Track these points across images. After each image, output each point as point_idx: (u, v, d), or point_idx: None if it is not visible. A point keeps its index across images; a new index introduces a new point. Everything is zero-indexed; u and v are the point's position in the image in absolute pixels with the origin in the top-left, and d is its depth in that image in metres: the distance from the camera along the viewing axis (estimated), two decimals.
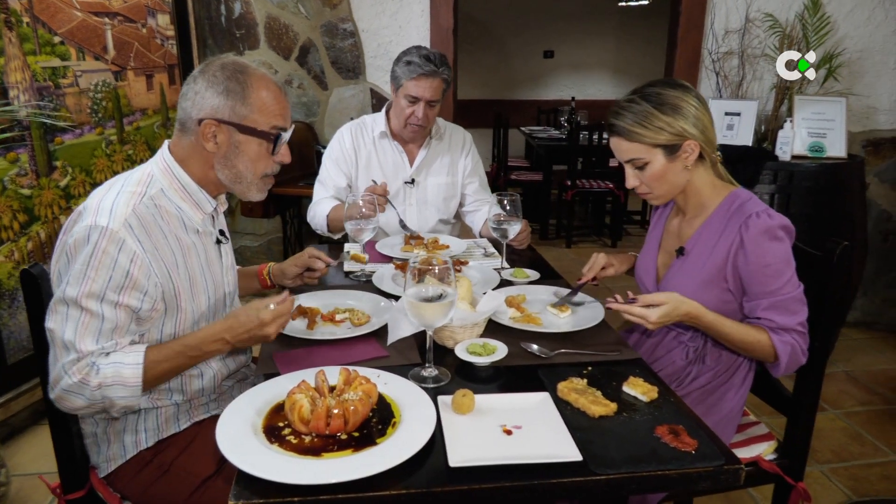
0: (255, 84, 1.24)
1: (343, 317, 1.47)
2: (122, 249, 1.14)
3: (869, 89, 3.27)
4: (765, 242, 1.35)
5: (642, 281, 1.65)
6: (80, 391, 1.12)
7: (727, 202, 1.45)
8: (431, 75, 2.09)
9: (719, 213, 1.45)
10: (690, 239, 1.49)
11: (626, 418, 1.09)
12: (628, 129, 1.40)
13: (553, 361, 1.30)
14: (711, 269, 1.42)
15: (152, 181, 1.26)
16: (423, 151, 2.31)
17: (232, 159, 1.27)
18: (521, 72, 7.46)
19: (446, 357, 1.32)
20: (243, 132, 1.25)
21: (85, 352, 1.12)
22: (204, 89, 1.23)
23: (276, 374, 1.21)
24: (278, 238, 3.59)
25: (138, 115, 2.93)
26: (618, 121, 1.41)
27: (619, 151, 1.45)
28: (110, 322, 1.14)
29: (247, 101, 1.23)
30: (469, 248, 2.07)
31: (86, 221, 1.15)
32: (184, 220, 1.28)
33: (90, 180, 2.63)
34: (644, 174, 1.44)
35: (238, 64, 1.25)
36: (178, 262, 1.25)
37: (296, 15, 3.36)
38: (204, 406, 1.36)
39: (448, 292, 1.16)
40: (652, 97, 1.39)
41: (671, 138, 1.39)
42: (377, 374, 1.17)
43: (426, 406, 1.07)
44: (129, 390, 1.14)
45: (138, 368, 1.14)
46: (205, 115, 1.23)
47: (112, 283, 1.14)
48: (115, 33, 2.76)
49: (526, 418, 1.08)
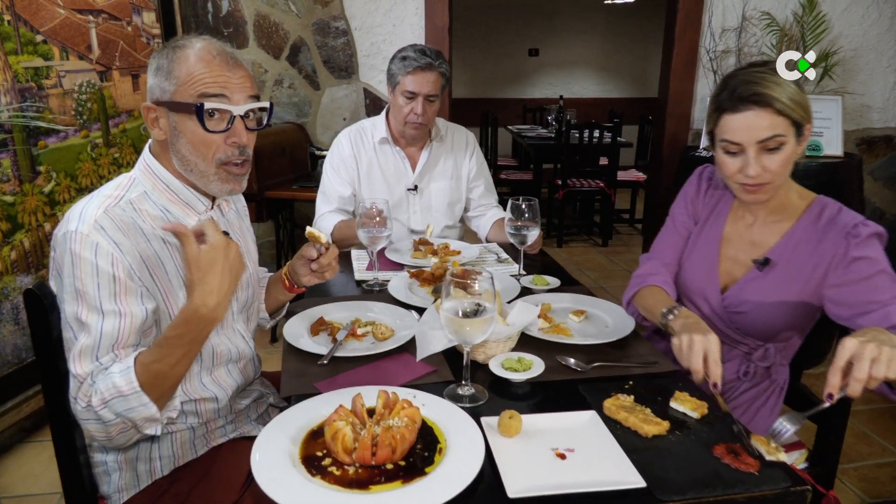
0: (185, 54, 1.10)
1: (365, 330, 1.40)
2: (98, 252, 1.05)
3: (863, 87, 3.29)
4: (878, 248, 1.26)
5: (700, 292, 1.45)
6: (93, 416, 1.04)
7: (815, 209, 1.33)
8: (427, 69, 2.04)
9: (808, 221, 1.33)
10: (775, 248, 1.36)
11: (679, 437, 1.04)
12: (780, 99, 1.20)
13: (590, 375, 1.25)
14: (807, 284, 1.30)
15: (133, 185, 1.16)
16: (424, 155, 2.24)
17: (175, 144, 1.15)
18: (506, 70, 7.42)
19: (477, 372, 1.26)
20: (174, 110, 1.11)
21: (83, 375, 1.04)
22: (148, 73, 1.15)
23: (302, 395, 1.14)
24: (271, 242, 3.50)
25: (124, 117, 2.81)
26: (766, 90, 1.21)
27: (756, 128, 1.22)
28: (110, 336, 1.05)
29: (171, 75, 1.11)
30: (481, 253, 2.01)
31: (60, 230, 1.08)
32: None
33: (75, 185, 2.51)
34: (774, 158, 1.24)
35: (177, 40, 1.14)
36: (167, 267, 1.14)
37: (286, 13, 3.26)
38: (221, 429, 1.28)
39: (487, 306, 1.10)
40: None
41: (803, 116, 1.23)
42: (413, 395, 1.10)
43: (470, 429, 1.01)
44: (131, 399, 1.02)
45: (129, 373, 1.02)
46: (147, 100, 1.15)
47: (103, 290, 1.05)
48: (100, 31, 2.63)
49: (577, 440, 1.02)
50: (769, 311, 1.32)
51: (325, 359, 1.25)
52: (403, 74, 2.05)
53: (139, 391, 1.02)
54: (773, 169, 1.25)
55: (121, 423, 1.05)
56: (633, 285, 1.47)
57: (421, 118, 2.09)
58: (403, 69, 2.04)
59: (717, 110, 1.29)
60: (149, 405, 1.04)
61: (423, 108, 2.08)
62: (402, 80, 2.06)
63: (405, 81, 2.05)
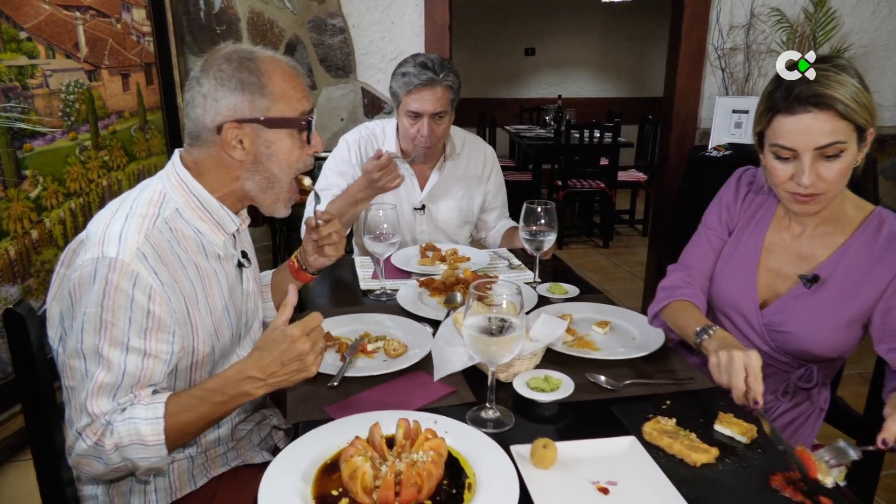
0: (270, 69, 1.06)
1: (375, 346, 1.30)
2: (137, 284, 0.96)
3: (873, 85, 3.14)
4: None
5: (735, 306, 1.34)
6: (98, 454, 0.94)
7: (873, 222, 1.22)
8: (430, 84, 1.84)
9: (866, 236, 1.21)
10: (826, 263, 1.24)
11: (731, 466, 0.94)
12: (843, 101, 1.07)
13: (623, 394, 1.15)
14: (861, 306, 1.19)
15: (165, 200, 1.06)
16: (435, 175, 2.07)
17: (264, 163, 1.08)
18: (501, 70, 7.33)
19: (499, 392, 1.16)
20: (272, 126, 1.06)
21: (97, 413, 0.94)
22: (214, 90, 1.04)
23: (311, 422, 1.04)
24: (266, 247, 3.39)
25: (114, 119, 2.69)
26: (829, 90, 1.07)
27: (815, 134, 1.09)
28: (132, 377, 0.96)
29: (266, 91, 1.05)
30: (492, 260, 1.91)
31: (90, 253, 0.96)
32: (203, 245, 1.09)
33: (63, 190, 2.40)
34: (832, 166, 1.12)
35: (243, 51, 1.06)
36: (199, 296, 1.06)
37: (281, 10, 3.16)
38: (221, 457, 1.18)
39: (514, 322, 1.01)
40: (850, 68, 1.10)
41: (867, 120, 1.11)
42: (434, 421, 1.00)
43: (501, 460, 0.91)
44: (151, 450, 0.95)
45: (158, 424, 0.94)
46: (223, 120, 1.04)
47: (134, 325, 0.95)
48: (88, 29, 2.52)
49: (618, 471, 0.92)
50: (816, 333, 1.21)
51: (335, 380, 1.15)
52: (405, 94, 1.87)
53: (163, 443, 0.95)
54: (829, 178, 1.12)
55: (124, 466, 0.96)
56: (660, 298, 1.36)
57: (428, 140, 1.92)
58: (404, 87, 1.86)
59: (769, 110, 1.16)
60: (164, 459, 0.97)
61: (430, 127, 1.89)
62: (403, 100, 1.88)
63: (407, 101, 1.87)
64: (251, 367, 0.98)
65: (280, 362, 0.97)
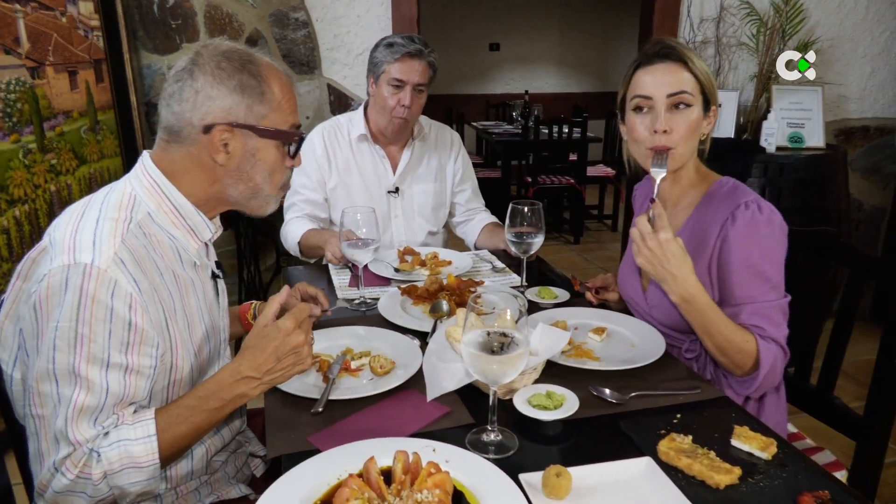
0: (269, 75, 0.99)
1: (360, 363, 1.19)
2: (116, 293, 0.86)
3: (840, 77, 3.24)
4: (752, 238, 1.19)
5: (628, 296, 1.46)
6: (82, 489, 0.84)
7: (714, 189, 1.30)
8: (417, 56, 1.88)
9: (705, 202, 1.30)
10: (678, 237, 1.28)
11: (756, 486, 0.88)
12: (689, 56, 1.26)
13: (630, 408, 1.08)
14: (702, 267, 1.24)
15: (136, 203, 0.97)
16: (405, 154, 2.05)
17: (247, 170, 1.01)
18: (467, 65, 7.25)
19: (496, 409, 1.08)
20: (263, 136, 0.99)
21: (80, 441, 0.84)
22: (209, 86, 0.95)
23: (294, 454, 0.93)
24: (231, 251, 3.23)
25: (61, 119, 2.50)
26: (681, 49, 1.27)
27: (667, 84, 1.25)
28: (115, 396, 0.86)
29: (265, 98, 0.98)
30: (475, 263, 1.83)
31: (58, 261, 0.86)
32: (179, 252, 1.00)
33: (6, 196, 2.21)
34: (682, 117, 1.25)
35: (243, 51, 0.99)
36: (176, 307, 0.97)
37: (240, 3, 3.00)
38: (193, 493, 1.06)
39: (518, 337, 0.92)
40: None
41: (712, 92, 1.28)
42: (432, 448, 0.91)
43: (510, 491, 0.83)
44: (145, 472, 0.86)
45: (151, 442, 0.86)
46: (214, 120, 0.95)
47: (114, 339, 0.86)
48: (29, 22, 2.33)
49: (638, 498, 0.85)
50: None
51: (318, 405, 1.04)
52: (390, 62, 1.87)
53: (157, 463, 0.87)
54: (679, 130, 1.24)
55: (110, 496, 0.86)
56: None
57: (407, 111, 1.90)
58: (391, 56, 1.86)
59: (631, 66, 1.32)
60: (157, 480, 0.89)
61: (412, 98, 1.89)
62: (388, 69, 1.87)
63: (392, 69, 1.87)
64: (246, 366, 0.93)
65: (276, 357, 0.93)
